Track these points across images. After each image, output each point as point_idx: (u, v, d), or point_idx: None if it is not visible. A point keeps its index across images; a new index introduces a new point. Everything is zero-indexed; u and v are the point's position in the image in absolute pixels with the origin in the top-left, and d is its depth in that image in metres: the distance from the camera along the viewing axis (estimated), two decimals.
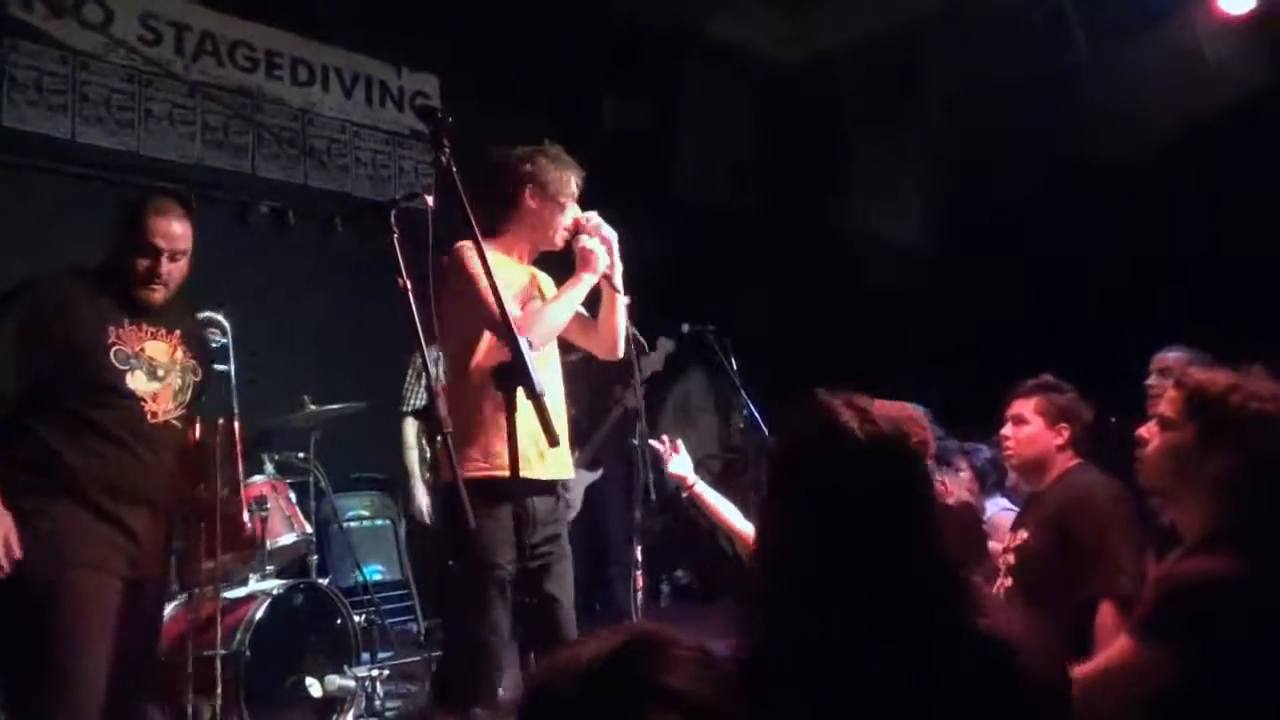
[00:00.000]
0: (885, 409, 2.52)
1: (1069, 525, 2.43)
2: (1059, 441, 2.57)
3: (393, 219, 2.05)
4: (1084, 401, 2.63)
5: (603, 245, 2.62)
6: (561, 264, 2.81)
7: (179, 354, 2.56)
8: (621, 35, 6.29)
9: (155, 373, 2.47)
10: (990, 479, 3.66)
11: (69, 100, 4.79)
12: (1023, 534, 2.58)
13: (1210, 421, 1.66)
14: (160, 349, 2.51)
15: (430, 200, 2.04)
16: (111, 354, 2.40)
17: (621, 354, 2.76)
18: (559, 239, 2.74)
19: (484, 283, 2.09)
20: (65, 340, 2.35)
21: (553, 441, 1.74)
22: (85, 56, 4.84)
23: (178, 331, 2.58)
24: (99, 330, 2.41)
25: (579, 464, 4.74)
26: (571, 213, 2.73)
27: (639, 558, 3.67)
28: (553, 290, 2.77)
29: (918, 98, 5.87)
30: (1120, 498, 2.43)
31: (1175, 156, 5.08)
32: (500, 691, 2.47)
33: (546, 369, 2.55)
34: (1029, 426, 2.61)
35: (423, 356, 1.99)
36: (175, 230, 2.45)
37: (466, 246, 2.44)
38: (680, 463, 2.85)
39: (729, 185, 6.80)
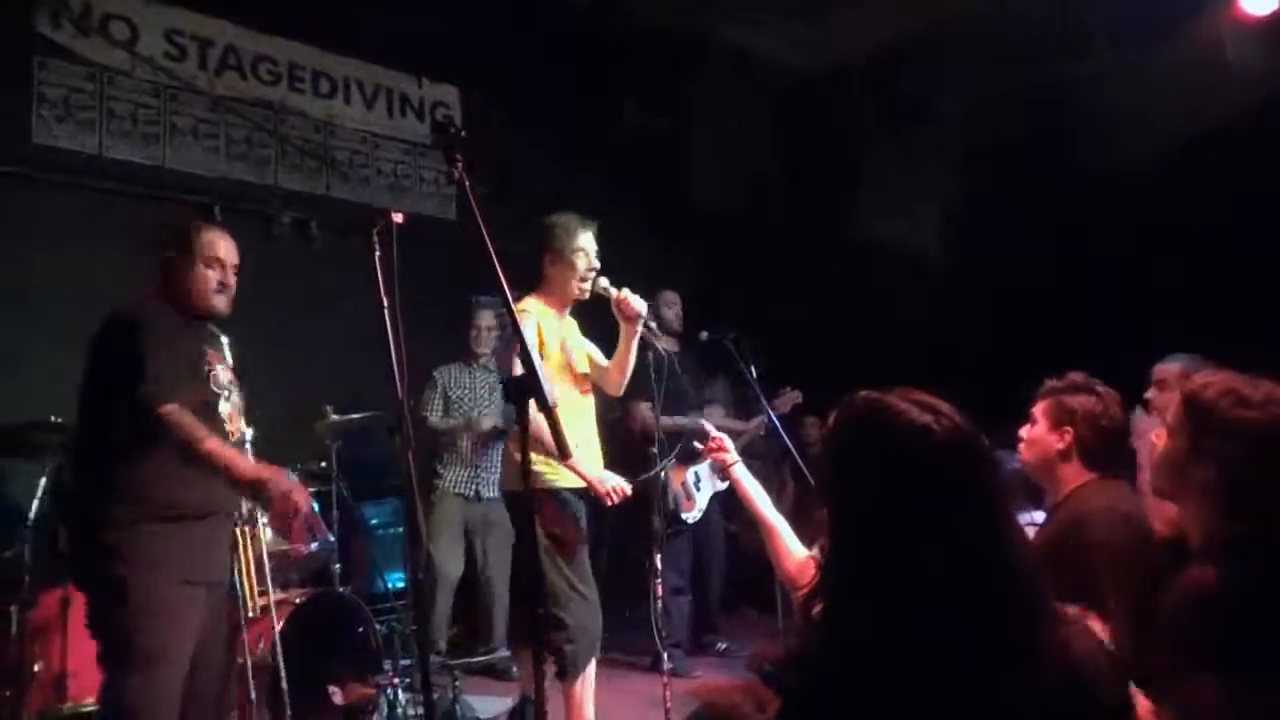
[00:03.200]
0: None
1: (1062, 558, 2.09)
2: (1060, 446, 2.30)
3: (374, 237, 2.12)
4: (1109, 407, 2.33)
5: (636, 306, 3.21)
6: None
7: (231, 373, 2.69)
8: (641, 43, 6.32)
9: (228, 394, 2.64)
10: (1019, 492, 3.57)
11: (97, 116, 4.88)
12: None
13: (1198, 428, 1.61)
14: (223, 369, 2.65)
15: (399, 218, 2.13)
16: (210, 379, 2.58)
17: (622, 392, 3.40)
18: (580, 291, 3.31)
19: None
20: (189, 368, 2.49)
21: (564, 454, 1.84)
22: (112, 73, 4.93)
23: (222, 350, 2.73)
24: (200, 356, 2.58)
25: (714, 470, 4.94)
26: (586, 261, 3.31)
27: (659, 565, 3.68)
28: (577, 333, 3.43)
29: (936, 104, 5.85)
30: (1125, 527, 2.12)
31: (1195, 160, 5.04)
32: None
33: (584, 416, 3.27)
34: (1036, 428, 2.38)
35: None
36: (228, 244, 2.67)
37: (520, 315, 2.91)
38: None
39: (748, 192, 6.81)
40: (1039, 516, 3.50)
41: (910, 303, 5.98)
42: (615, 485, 3.13)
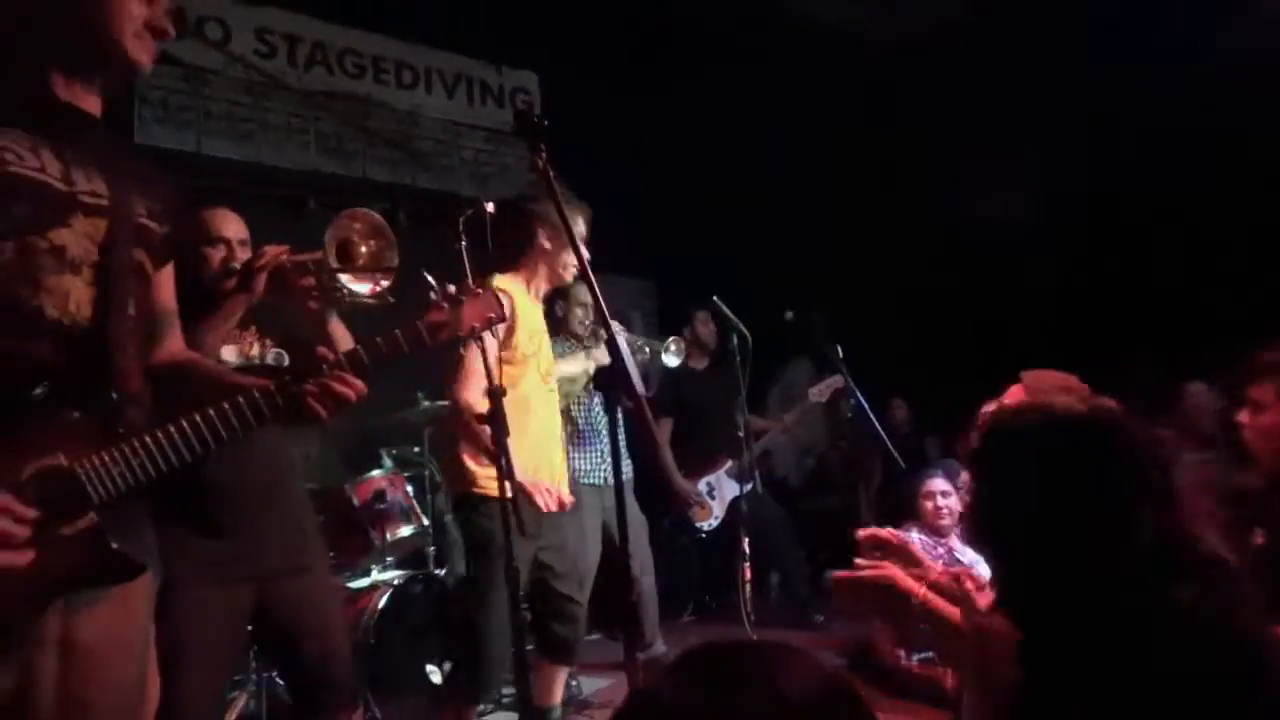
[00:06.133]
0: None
1: None
2: None
3: (461, 226, 2.11)
4: None
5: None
6: None
7: (255, 349, 2.61)
8: (716, 17, 6.23)
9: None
10: None
11: (194, 115, 5.06)
12: (1259, 536, 2.22)
13: None
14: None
15: (490, 206, 2.10)
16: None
17: None
18: (569, 274, 3.11)
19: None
20: None
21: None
22: (207, 73, 5.10)
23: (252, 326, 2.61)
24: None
25: (731, 475, 4.94)
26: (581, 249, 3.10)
27: (747, 550, 3.68)
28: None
29: (1016, 77, 5.63)
30: None
31: None
32: None
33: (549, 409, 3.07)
34: (1268, 414, 2.13)
35: None
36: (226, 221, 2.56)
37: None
38: None
39: (824, 168, 6.66)
40: None
41: (997, 279, 5.80)
42: (548, 491, 2.84)
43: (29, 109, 1.47)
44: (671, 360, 4.14)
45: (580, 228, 3.01)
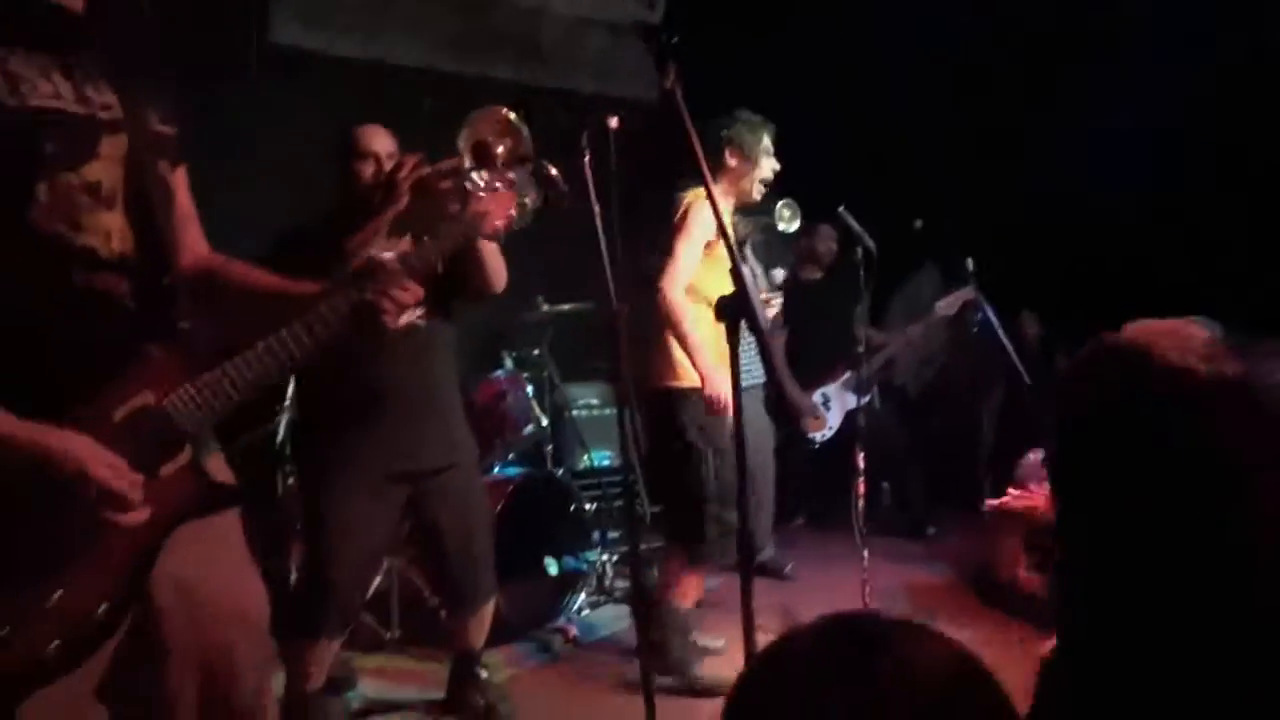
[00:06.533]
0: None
1: None
2: None
3: (584, 141, 2.09)
4: None
5: None
6: None
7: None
8: None
9: None
10: None
11: (325, 12, 5.10)
12: None
13: None
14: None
15: (614, 122, 2.08)
16: None
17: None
18: (757, 193, 3.31)
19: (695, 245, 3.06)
20: None
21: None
22: None
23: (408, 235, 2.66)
24: None
25: (848, 388, 4.89)
26: (770, 163, 3.29)
27: (861, 465, 3.66)
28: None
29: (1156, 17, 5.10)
30: None
31: None
32: None
33: None
34: None
35: None
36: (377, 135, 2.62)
37: (698, 205, 3.07)
38: None
39: (956, 82, 6.22)
40: None
41: (1141, 200, 5.40)
42: (716, 394, 3.03)
43: (24, 23, 1.39)
44: (786, 227, 3.99)
45: (767, 142, 3.27)
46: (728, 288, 1.61)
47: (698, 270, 3.13)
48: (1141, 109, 5.28)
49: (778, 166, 3.32)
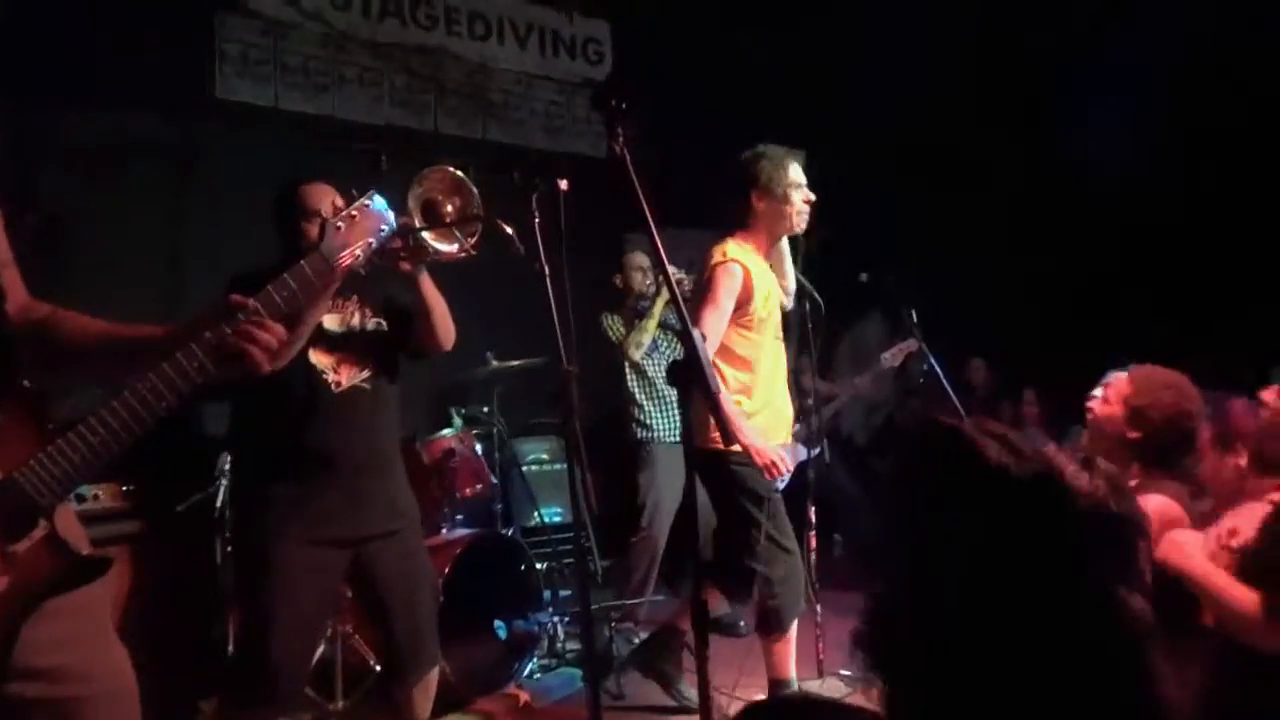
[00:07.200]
0: (1150, 376, 2.30)
1: None
2: None
3: (533, 203, 2.08)
4: None
5: None
6: None
7: (356, 319, 2.62)
8: None
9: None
10: None
11: (271, 70, 5.10)
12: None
13: None
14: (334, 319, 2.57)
15: (564, 185, 2.05)
16: None
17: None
18: (799, 225, 3.17)
19: (723, 313, 2.98)
20: None
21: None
22: (284, 27, 5.12)
23: (355, 296, 2.62)
24: None
25: (798, 439, 4.84)
26: (801, 194, 3.14)
27: (812, 519, 3.65)
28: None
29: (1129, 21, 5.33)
30: None
31: None
32: None
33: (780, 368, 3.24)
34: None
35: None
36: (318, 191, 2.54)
37: (724, 269, 3.04)
38: None
39: (921, 116, 6.39)
40: None
41: (1103, 232, 5.57)
42: (775, 458, 2.98)
43: None
44: None
45: (793, 175, 3.13)
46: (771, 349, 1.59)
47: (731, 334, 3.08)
48: (1085, 163, 5.47)
49: (812, 197, 3.19)
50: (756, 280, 3.09)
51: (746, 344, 3.11)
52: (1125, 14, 5.35)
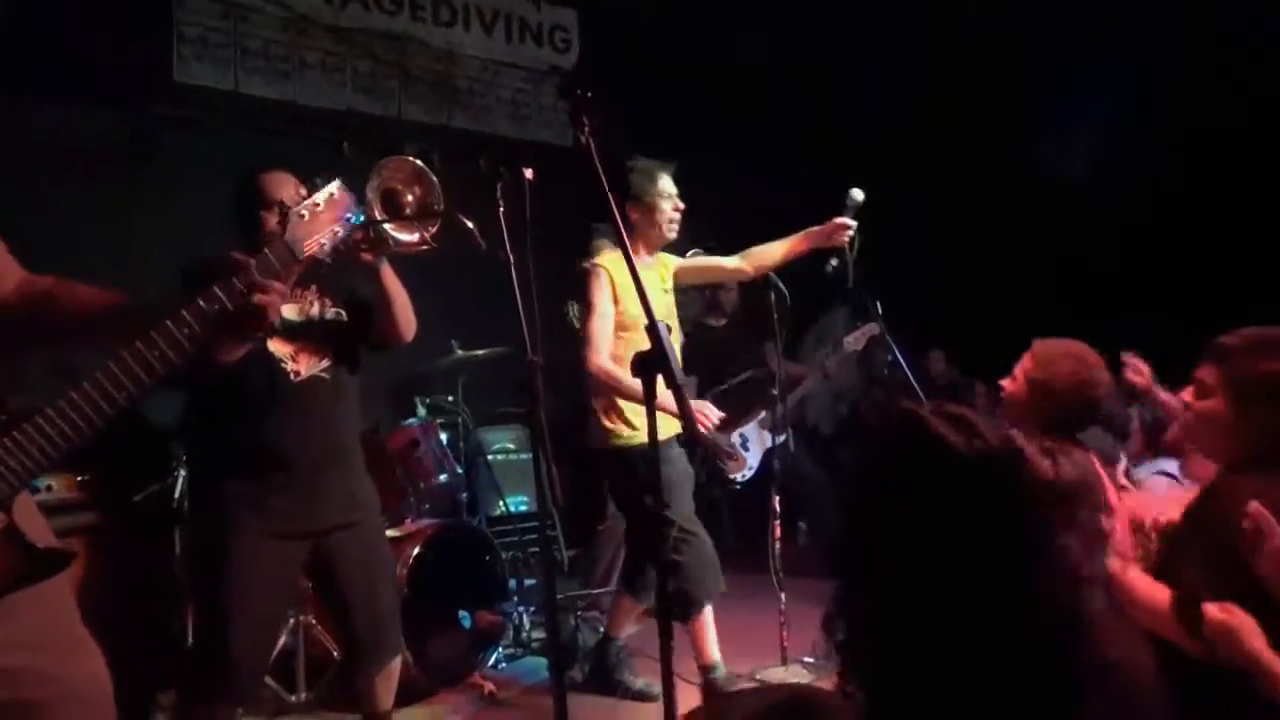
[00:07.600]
0: (1048, 348, 2.34)
1: None
2: None
3: (498, 192, 2.07)
4: None
5: None
6: None
7: (315, 308, 2.58)
8: None
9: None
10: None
11: (232, 54, 5.01)
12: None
13: None
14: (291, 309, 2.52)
15: (529, 174, 2.04)
16: None
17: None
18: (668, 233, 3.36)
19: (602, 315, 3.14)
20: None
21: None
22: (244, 10, 5.03)
23: (313, 286, 2.58)
24: None
25: (765, 426, 4.92)
26: (671, 203, 3.32)
27: (777, 508, 3.68)
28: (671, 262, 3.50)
29: (1101, 31, 5.39)
30: None
31: None
32: None
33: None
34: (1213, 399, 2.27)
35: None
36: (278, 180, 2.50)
37: (592, 274, 3.23)
38: None
39: (894, 116, 6.44)
40: (1167, 465, 3.25)
41: (1068, 236, 5.65)
42: (705, 412, 3.12)
43: None
44: None
45: (662, 185, 3.30)
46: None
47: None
48: (1055, 160, 5.55)
49: (681, 206, 3.36)
50: (622, 286, 3.22)
51: (621, 344, 3.21)
52: (1123, 14, 5.41)
